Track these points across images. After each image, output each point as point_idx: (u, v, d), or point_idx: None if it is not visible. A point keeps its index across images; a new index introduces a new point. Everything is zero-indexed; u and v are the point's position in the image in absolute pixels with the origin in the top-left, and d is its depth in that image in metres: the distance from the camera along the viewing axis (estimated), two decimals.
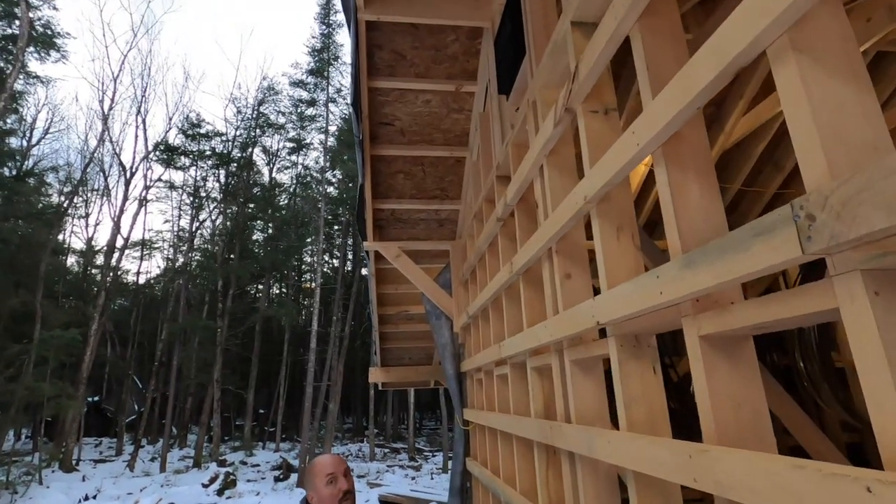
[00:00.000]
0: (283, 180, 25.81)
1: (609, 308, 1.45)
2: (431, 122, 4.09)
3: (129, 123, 33.68)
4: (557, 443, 1.92)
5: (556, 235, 1.98)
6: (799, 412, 3.34)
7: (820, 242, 0.74)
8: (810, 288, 0.85)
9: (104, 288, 17.04)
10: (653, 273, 1.20)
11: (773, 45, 0.89)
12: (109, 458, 18.78)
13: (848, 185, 0.70)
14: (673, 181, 1.23)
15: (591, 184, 1.59)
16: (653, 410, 1.45)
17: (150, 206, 22.39)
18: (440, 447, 21.04)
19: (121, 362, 22.70)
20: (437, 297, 4.64)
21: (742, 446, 1.04)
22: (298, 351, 23.78)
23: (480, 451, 3.87)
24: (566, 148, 2.16)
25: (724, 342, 1.11)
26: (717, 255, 0.97)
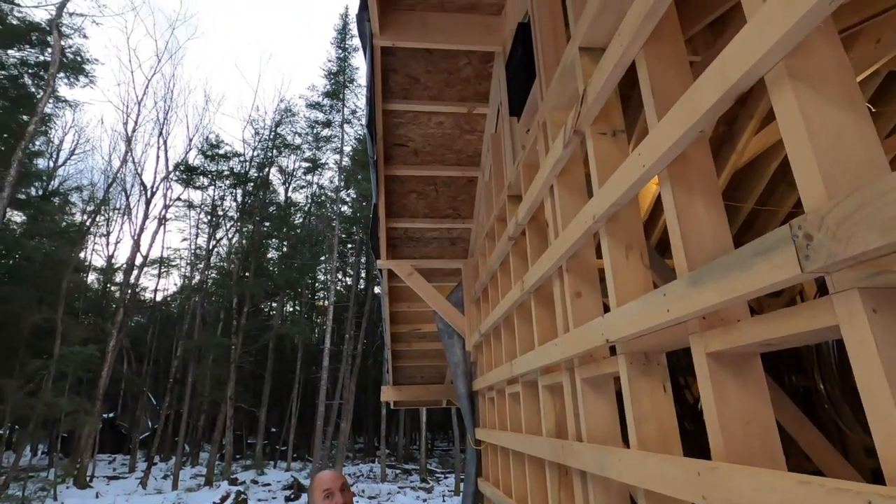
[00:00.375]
0: (299, 199, 26.26)
1: (618, 326, 1.47)
2: (444, 143, 4.18)
3: (151, 145, 34.78)
4: (569, 462, 1.91)
5: (566, 254, 2.00)
6: (818, 436, 3.27)
7: (818, 261, 0.76)
8: (812, 305, 0.87)
9: (122, 305, 17.35)
10: (660, 291, 1.22)
11: (771, 72, 0.93)
12: (123, 474, 18.85)
13: (843, 205, 0.73)
14: (679, 201, 1.26)
15: (600, 203, 1.62)
16: (663, 428, 1.46)
17: (168, 225, 22.89)
18: (452, 469, 20.73)
19: (136, 379, 22.95)
20: (449, 315, 4.67)
21: (751, 463, 1.04)
22: (311, 369, 23.80)
23: (493, 471, 3.84)
24: (576, 168, 2.20)
25: (731, 359, 1.13)
26: (722, 273, 0.99)
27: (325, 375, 16.24)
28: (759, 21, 0.91)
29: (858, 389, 0.75)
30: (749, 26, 0.94)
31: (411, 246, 5.07)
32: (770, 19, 0.87)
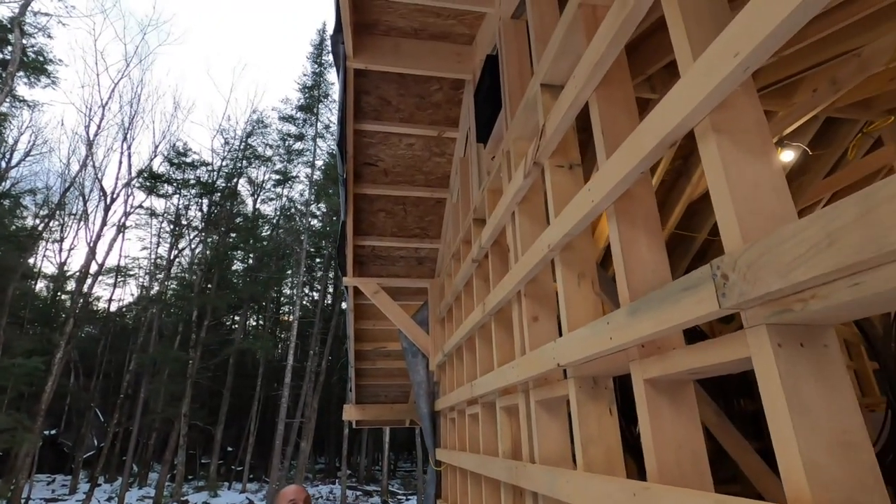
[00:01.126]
0: (267, 211, 25.82)
1: (568, 350, 1.54)
2: (414, 165, 4.25)
3: (114, 149, 33.46)
4: (522, 483, 1.96)
5: (525, 279, 2.08)
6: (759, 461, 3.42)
7: (732, 299, 0.85)
8: (731, 338, 0.95)
9: (73, 315, 16.52)
10: (604, 319, 1.30)
11: (699, 125, 1.03)
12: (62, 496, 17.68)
13: (751, 250, 0.82)
14: (623, 236, 1.35)
15: (555, 233, 1.71)
16: (609, 450, 1.52)
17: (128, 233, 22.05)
18: (415, 490, 20.37)
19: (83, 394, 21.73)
20: (413, 334, 4.68)
21: (682, 485, 1.11)
22: (272, 385, 23.12)
23: (451, 492, 3.83)
24: (536, 196, 2.30)
25: (666, 386, 1.21)
26: (656, 304, 1.07)
27: (287, 393, 15.82)
28: (688, 79, 1.01)
29: (767, 417, 0.83)
30: (681, 82, 1.04)
31: (378, 264, 5.09)
32: (696, 79, 0.98)
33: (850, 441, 0.78)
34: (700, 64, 0.97)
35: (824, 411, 0.79)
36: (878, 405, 4.82)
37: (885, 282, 0.65)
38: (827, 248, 0.68)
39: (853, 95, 3.43)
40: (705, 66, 0.94)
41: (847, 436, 0.78)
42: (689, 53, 1.05)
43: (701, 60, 0.96)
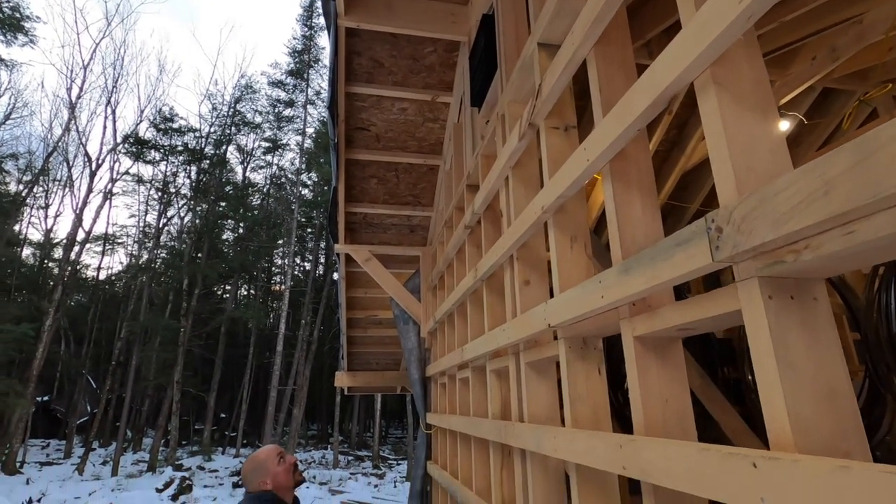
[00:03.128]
0: (257, 180, 25.45)
1: (559, 311, 1.55)
2: (407, 130, 4.18)
3: (98, 114, 32.69)
4: (510, 441, 2.00)
5: (517, 243, 2.08)
6: (741, 423, 3.54)
7: (725, 251, 0.85)
8: (720, 292, 0.96)
9: (61, 282, 16.37)
10: (596, 278, 1.30)
11: (699, 78, 1.01)
12: (57, 460, 17.93)
13: (746, 202, 0.81)
14: (618, 196, 1.34)
15: (549, 194, 1.70)
16: (596, 409, 1.56)
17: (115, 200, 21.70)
18: (405, 456, 20.90)
19: (75, 361, 21.77)
20: (405, 301, 4.70)
21: (667, 438, 1.14)
22: (264, 354, 23.30)
23: (441, 454, 3.93)
24: (530, 161, 2.28)
25: (655, 343, 1.22)
26: (648, 261, 1.08)
27: (279, 361, 15.96)
28: (690, 29, 0.99)
29: (754, 368, 0.84)
30: (682, 32, 1.02)
31: (370, 232, 5.06)
32: (699, 28, 0.95)
33: (834, 391, 0.80)
34: (703, 11, 0.94)
35: (810, 362, 0.80)
36: (857, 374, 4.98)
37: (878, 230, 0.65)
38: (823, 197, 0.68)
39: (850, 66, 3.40)
40: (708, 14, 0.92)
41: (831, 386, 0.80)
42: (692, 2, 1.02)
43: (704, 8, 0.93)
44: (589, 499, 1.46)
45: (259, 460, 1.85)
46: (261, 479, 1.81)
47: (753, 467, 0.77)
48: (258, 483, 1.81)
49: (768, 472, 0.74)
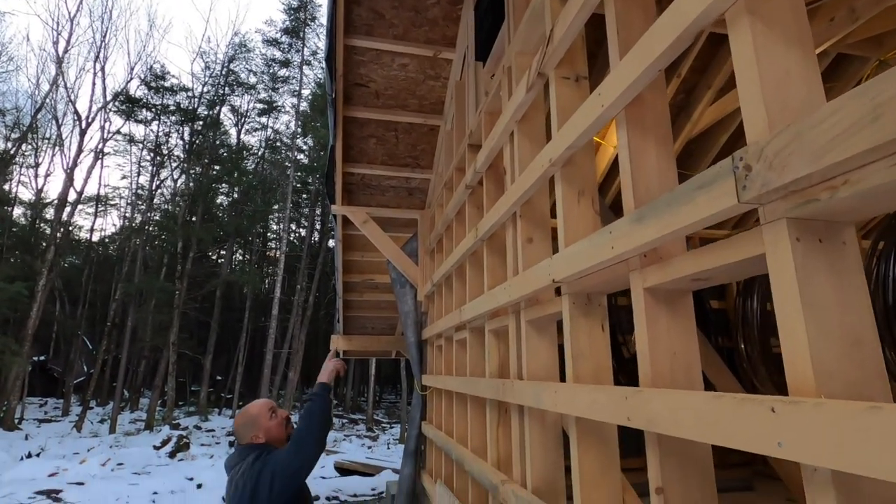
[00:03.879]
0: (252, 142, 24.99)
1: (565, 266, 1.51)
2: (407, 87, 4.04)
3: (87, 70, 31.64)
4: (509, 398, 2.00)
5: (520, 199, 2.02)
6: (737, 385, 3.58)
7: (753, 191, 0.80)
8: (741, 238, 0.92)
9: (54, 243, 16.22)
10: (606, 229, 1.26)
11: (731, 8, 0.94)
12: (55, 418, 18.20)
13: (781, 136, 0.76)
14: (632, 143, 1.28)
15: (557, 146, 1.63)
16: (598, 365, 1.54)
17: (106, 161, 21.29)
18: (399, 419, 21.36)
19: (70, 321, 21.82)
20: (402, 264, 4.67)
21: (675, 389, 1.12)
22: (260, 319, 23.41)
23: (436, 414, 3.97)
24: (537, 115, 2.19)
25: (665, 295, 1.19)
26: (665, 208, 1.03)
27: (275, 324, 16.06)
28: None
29: (776, 313, 0.81)
30: None
31: (368, 193, 4.97)
32: None
33: (860, 338, 0.77)
34: None
35: (837, 307, 0.77)
36: None
37: None
38: (871, 124, 0.63)
39: (866, 30, 3.28)
40: None
41: (857, 333, 0.77)
42: None
43: None
44: (588, 451, 1.46)
45: (251, 415, 1.84)
46: (253, 434, 1.80)
47: (772, 412, 0.74)
48: (250, 437, 1.80)
49: (788, 417, 0.71)
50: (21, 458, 10.49)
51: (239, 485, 1.64)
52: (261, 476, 1.62)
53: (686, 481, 1.08)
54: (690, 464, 1.09)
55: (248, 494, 1.61)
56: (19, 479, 8.05)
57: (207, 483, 8.21)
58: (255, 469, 1.64)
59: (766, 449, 0.75)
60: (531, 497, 1.75)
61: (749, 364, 4.69)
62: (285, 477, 1.64)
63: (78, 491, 7.37)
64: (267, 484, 1.61)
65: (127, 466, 9.65)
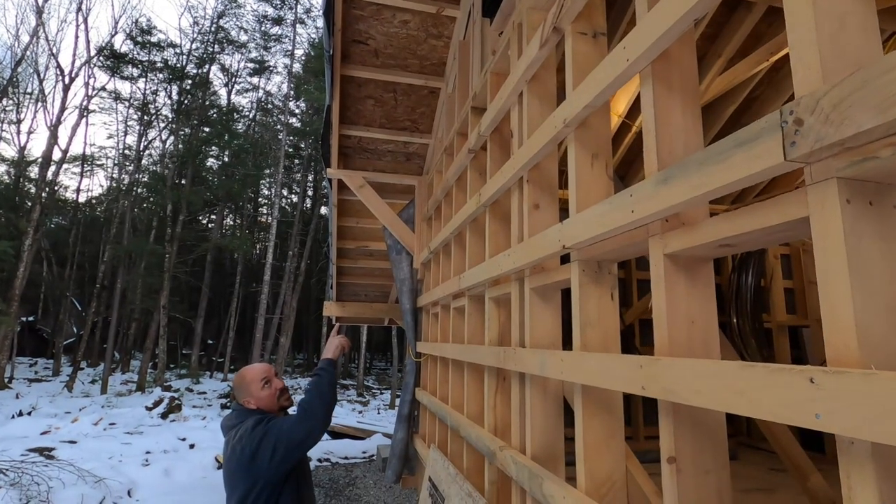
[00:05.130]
0: (243, 104, 24.32)
1: (577, 231, 1.45)
2: (408, 46, 3.88)
3: (69, 22, 30.31)
4: (510, 366, 1.98)
5: (528, 164, 1.95)
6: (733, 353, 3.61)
7: (804, 147, 0.74)
8: (780, 200, 0.86)
9: (39, 202, 15.86)
10: (627, 192, 1.19)
11: None
12: (46, 377, 18.23)
13: (842, 86, 0.69)
14: (658, 101, 1.21)
15: (573, 106, 1.55)
16: (606, 334, 1.50)
17: (92, 119, 20.61)
18: (389, 386, 21.70)
19: (58, 283, 21.60)
20: (399, 231, 4.59)
21: (692, 357, 1.09)
22: (251, 284, 23.34)
23: (431, 381, 3.99)
24: (548, 75, 2.10)
25: (686, 262, 1.14)
26: (695, 168, 0.96)
27: (266, 290, 16.01)
28: None
29: (818, 279, 0.76)
30: None
31: (364, 157, 4.85)
32: None
33: None
34: None
35: (885, 273, 0.72)
36: None
37: None
38: None
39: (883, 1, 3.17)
40: None
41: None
42: None
43: None
44: (593, 419, 1.44)
45: (245, 381, 1.81)
46: (244, 399, 1.79)
47: (810, 383, 0.70)
48: (243, 401, 1.80)
49: (830, 388, 0.67)
50: (12, 416, 10.53)
51: (237, 449, 1.62)
52: (262, 442, 1.60)
53: (699, 450, 1.06)
54: (703, 433, 1.07)
55: (248, 459, 1.59)
56: (11, 437, 8.09)
57: (200, 443, 8.30)
58: (256, 435, 1.61)
59: (801, 420, 0.71)
60: (530, 462, 1.75)
61: (741, 337, 4.74)
62: (288, 447, 1.62)
63: (70, 449, 7.42)
64: (268, 451, 1.59)
65: (119, 426, 9.73)
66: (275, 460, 1.58)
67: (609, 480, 1.41)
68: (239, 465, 1.60)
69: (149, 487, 5.86)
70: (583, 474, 1.41)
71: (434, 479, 3.00)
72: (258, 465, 1.58)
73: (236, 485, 1.61)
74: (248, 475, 1.59)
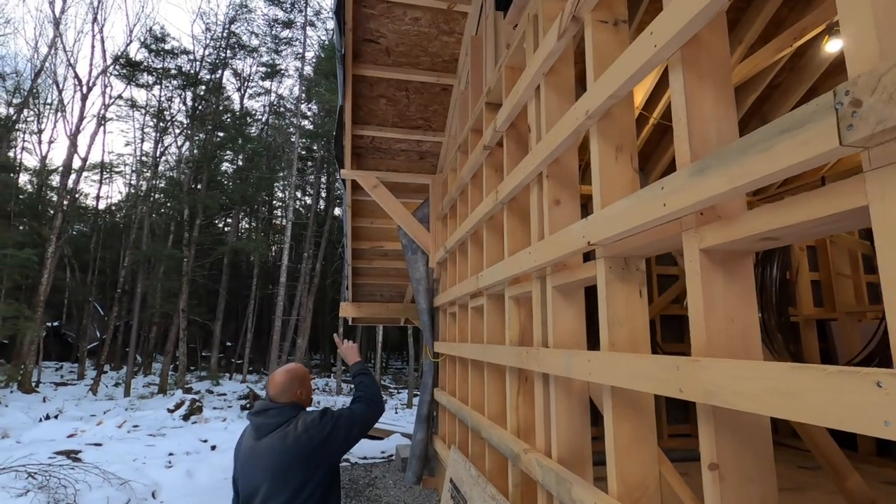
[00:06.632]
0: (255, 107, 24.55)
1: (603, 227, 1.40)
2: (419, 44, 3.84)
3: (85, 32, 30.98)
4: (533, 366, 1.93)
5: (548, 159, 1.89)
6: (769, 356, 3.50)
7: (863, 130, 0.68)
8: (833, 188, 0.80)
9: (60, 210, 16.20)
10: (657, 185, 1.14)
11: None
12: (71, 381, 18.64)
13: None
14: (689, 88, 1.15)
15: (595, 97, 1.49)
16: (635, 332, 1.45)
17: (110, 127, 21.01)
18: (405, 385, 21.74)
19: (81, 288, 22.07)
20: (414, 230, 4.56)
21: (731, 358, 1.03)
22: (267, 286, 23.58)
23: (450, 381, 3.95)
24: (566, 68, 2.04)
25: (723, 256, 1.08)
26: (735, 157, 0.91)
27: (283, 291, 16.14)
28: None
29: (880, 273, 0.70)
30: None
31: (377, 157, 4.82)
32: None
33: None
34: None
35: None
36: (866, 315, 4.95)
37: None
38: None
39: None
40: None
41: None
42: None
43: None
44: (623, 422, 1.39)
45: (302, 372, 1.91)
46: (300, 389, 1.85)
47: (877, 387, 0.64)
48: (297, 393, 1.84)
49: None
50: (40, 419, 10.78)
51: (302, 438, 1.68)
52: (335, 427, 1.73)
53: (742, 456, 1.01)
54: (747, 438, 1.01)
55: (317, 444, 1.69)
56: (39, 440, 8.27)
57: (221, 444, 8.38)
58: (327, 423, 1.73)
59: (867, 427, 0.65)
60: (557, 466, 1.70)
61: (766, 333, 4.61)
62: (363, 429, 1.82)
63: (96, 451, 7.55)
64: (343, 434, 1.75)
65: (142, 428, 9.88)
66: (349, 441, 1.77)
67: (642, 486, 1.35)
68: (303, 452, 1.67)
69: (172, 489, 5.93)
70: (614, 479, 1.36)
71: (455, 480, 2.96)
72: (329, 449, 1.70)
73: (293, 475, 1.67)
74: (310, 462, 1.67)
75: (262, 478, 1.68)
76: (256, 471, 1.69)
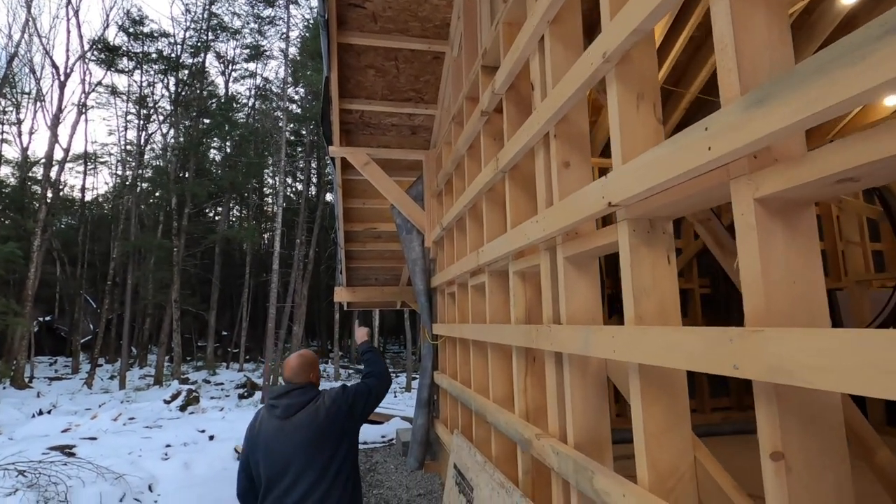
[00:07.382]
0: (241, 91, 23.97)
1: (627, 184, 1.22)
2: (408, 8, 3.59)
3: (60, 18, 29.93)
4: (543, 345, 1.77)
5: (556, 116, 1.70)
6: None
7: None
8: None
9: (44, 202, 15.79)
10: (700, 125, 0.96)
11: None
12: (65, 375, 18.46)
13: None
14: (735, 10, 0.96)
15: (613, 36, 1.30)
16: (664, 302, 1.28)
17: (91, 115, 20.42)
18: (403, 369, 21.74)
19: (71, 282, 21.73)
20: (408, 209, 4.37)
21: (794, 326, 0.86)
22: (261, 274, 23.34)
23: (450, 364, 3.81)
24: (572, 16, 1.84)
25: (782, 206, 0.91)
26: (809, 77, 0.73)
27: (276, 279, 15.92)
28: None
29: None
30: None
31: (367, 133, 4.60)
32: None
33: None
34: None
35: None
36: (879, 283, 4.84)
37: None
38: None
39: None
40: None
41: None
42: None
43: None
44: (654, 405, 1.23)
45: (313, 357, 2.03)
46: (313, 373, 1.98)
47: None
48: (311, 376, 1.96)
49: None
50: (33, 415, 10.61)
51: (332, 409, 1.86)
52: (356, 398, 1.95)
53: (812, 443, 0.85)
54: (818, 422, 0.85)
55: (344, 413, 1.88)
56: (32, 436, 8.11)
57: (219, 434, 8.27)
58: (349, 394, 1.95)
59: None
60: (575, 453, 1.55)
61: None
62: (378, 398, 2.05)
63: (90, 446, 7.41)
64: (361, 403, 1.96)
65: (138, 420, 9.75)
66: (367, 410, 1.97)
67: (675, 473, 1.20)
68: (334, 423, 1.83)
69: (169, 481, 5.81)
70: (644, 467, 1.21)
71: (460, 466, 2.84)
72: (354, 417, 1.91)
73: (324, 446, 1.80)
74: (340, 431, 1.84)
75: (292, 454, 1.76)
76: (287, 448, 1.77)
